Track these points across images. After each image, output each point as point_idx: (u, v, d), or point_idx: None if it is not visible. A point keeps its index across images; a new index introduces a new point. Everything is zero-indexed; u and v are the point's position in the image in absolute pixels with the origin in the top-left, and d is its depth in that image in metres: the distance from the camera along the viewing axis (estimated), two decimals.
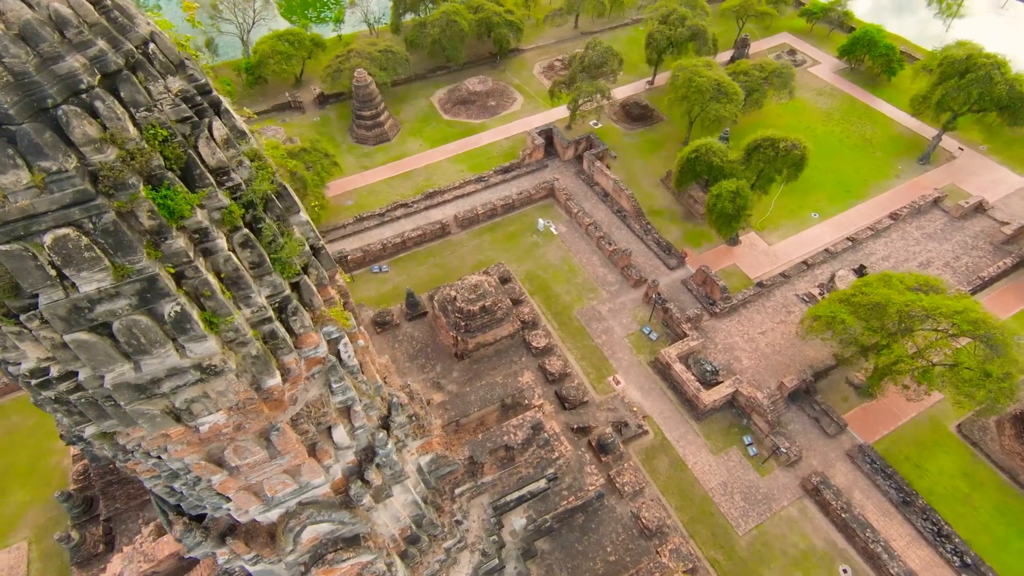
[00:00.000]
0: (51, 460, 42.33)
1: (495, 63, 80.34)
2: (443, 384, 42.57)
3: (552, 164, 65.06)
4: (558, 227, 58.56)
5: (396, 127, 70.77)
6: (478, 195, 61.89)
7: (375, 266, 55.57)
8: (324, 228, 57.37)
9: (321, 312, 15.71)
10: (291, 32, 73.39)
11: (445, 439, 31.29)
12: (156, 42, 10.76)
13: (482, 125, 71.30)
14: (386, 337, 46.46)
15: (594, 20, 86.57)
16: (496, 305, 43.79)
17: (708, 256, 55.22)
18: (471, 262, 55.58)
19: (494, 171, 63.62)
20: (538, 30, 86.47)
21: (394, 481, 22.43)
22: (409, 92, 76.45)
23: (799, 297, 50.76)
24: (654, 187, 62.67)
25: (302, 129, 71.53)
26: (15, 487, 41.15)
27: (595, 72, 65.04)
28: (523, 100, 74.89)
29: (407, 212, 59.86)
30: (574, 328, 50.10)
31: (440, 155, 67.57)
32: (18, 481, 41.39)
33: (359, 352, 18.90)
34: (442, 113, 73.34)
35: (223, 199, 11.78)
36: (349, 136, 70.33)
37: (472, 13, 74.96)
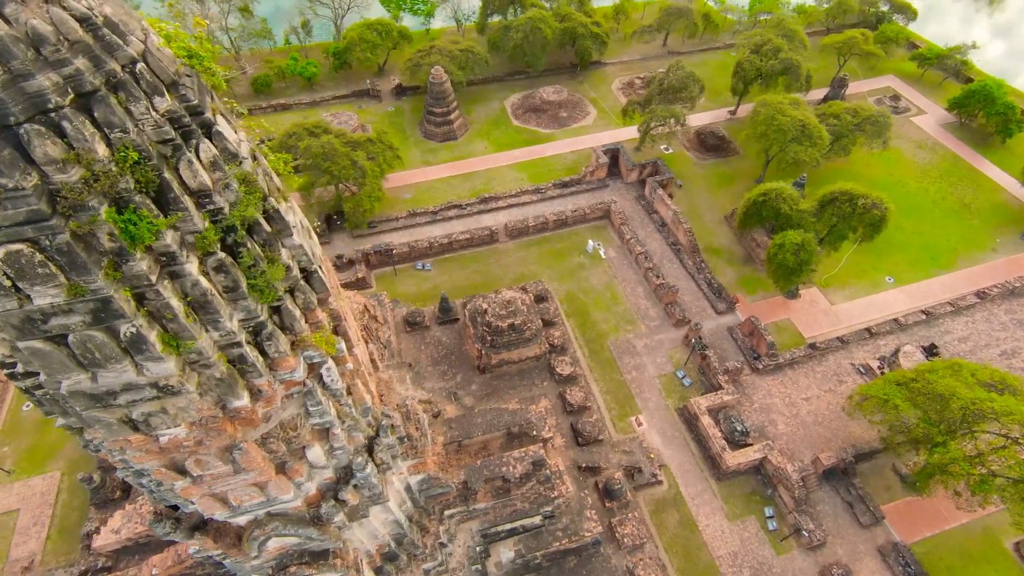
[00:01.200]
0: None
1: (574, 74, 79.06)
2: (459, 396, 42.22)
3: (613, 185, 63.21)
4: (607, 251, 56.79)
5: (465, 127, 71.07)
6: (532, 206, 61.07)
7: (419, 263, 56.00)
8: (377, 219, 58.42)
9: (303, 337, 15.45)
10: (380, 22, 75.25)
11: (443, 459, 30.82)
12: (148, 61, 10.67)
13: (550, 135, 70.33)
14: (414, 337, 46.63)
15: (684, 40, 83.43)
16: (525, 324, 42.90)
17: (761, 306, 51.78)
18: (512, 274, 54.90)
19: (553, 184, 62.57)
20: (624, 45, 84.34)
21: (372, 502, 22.11)
22: (484, 93, 76.59)
23: (855, 367, 46.61)
24: (716, 223, 59.54)
25: (376, 117, 73.31)
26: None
27: (673, 96, 62.51)
28: (596, 115, 73.25)
29: (459, 214, 59.93)
30: (605, 359, 48.36)
31: (503, 160, 67.23)
32: None
33: (347, 375, 18.62)
34: (512, 118, 72.98)
35: (198, 223, 11.62)
36: (418, 130, 71.34)
37: (558, 22, 74.03)
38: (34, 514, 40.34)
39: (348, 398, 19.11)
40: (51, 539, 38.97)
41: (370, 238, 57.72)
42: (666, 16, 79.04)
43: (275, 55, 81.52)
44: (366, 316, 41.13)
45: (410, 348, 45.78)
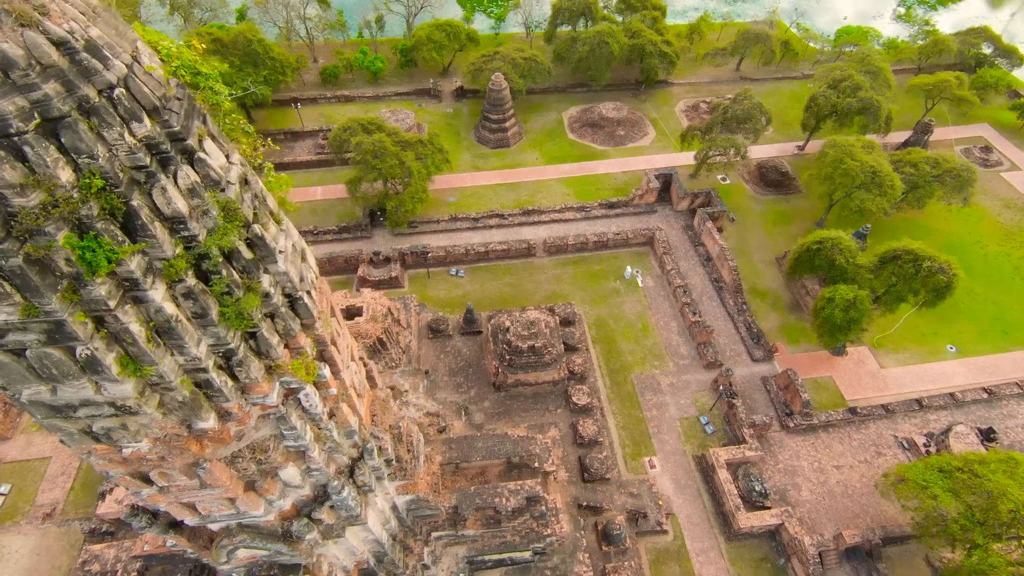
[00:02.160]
0: None
1: (637, 92, 77.05)
2: (471, 411, 41.75)
3: (661, 211, 61.07)
4: (645, 279, 54.86)
5: (519, 135, 70.57)
6: (574, 224, 59.84)
7: (453, 269, 55.92)
8: (418, 219, 58.77)
9: (280, 363, 15.21)
10: (449, 23, 75.80)
11: (438, 479, 30.33)
12: (129, 85, 10.53)
13: (604, 153, 68.81)
14: (436, 344, 46.52)
15: (759, 67, 79.73)
16: (546, 348, 41.92)
17: (802, 359, 48.59)
18: (544, 291, 53.92)
19: (599, 203, 61.10)
20: (694, 66, 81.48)
21: (349, 523, 21.84)
22: (543, 103, 75.85)
23: (897, 440, 42.93)
24: (766, 264, 56.42)
25: (434, 117, 73.94)
26: None
27: (737, 126, 59.70)
28: (654, 136, 71.08)
29: (500, 223, 59.48)
30: (626, 392, 46.65)
31: (552, 173, 66.30)
32: None
33: (330, 399, 18.34)
34: (568, 131, 71.87)
35: (167, 251, 11.47)
36: (472, 134, 71.41)
37: (627, 37, 72.30)
38: (63, 464, 42.75)
39: (330, 421, 18.85)
40: (74, 490, 41.18)
41: (409, 238, 58.14)
42: (743, 40, 75.75)
43: (346, 47, 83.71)
44: (389, 319, 41.27)
45: (430, 355, 45.70)
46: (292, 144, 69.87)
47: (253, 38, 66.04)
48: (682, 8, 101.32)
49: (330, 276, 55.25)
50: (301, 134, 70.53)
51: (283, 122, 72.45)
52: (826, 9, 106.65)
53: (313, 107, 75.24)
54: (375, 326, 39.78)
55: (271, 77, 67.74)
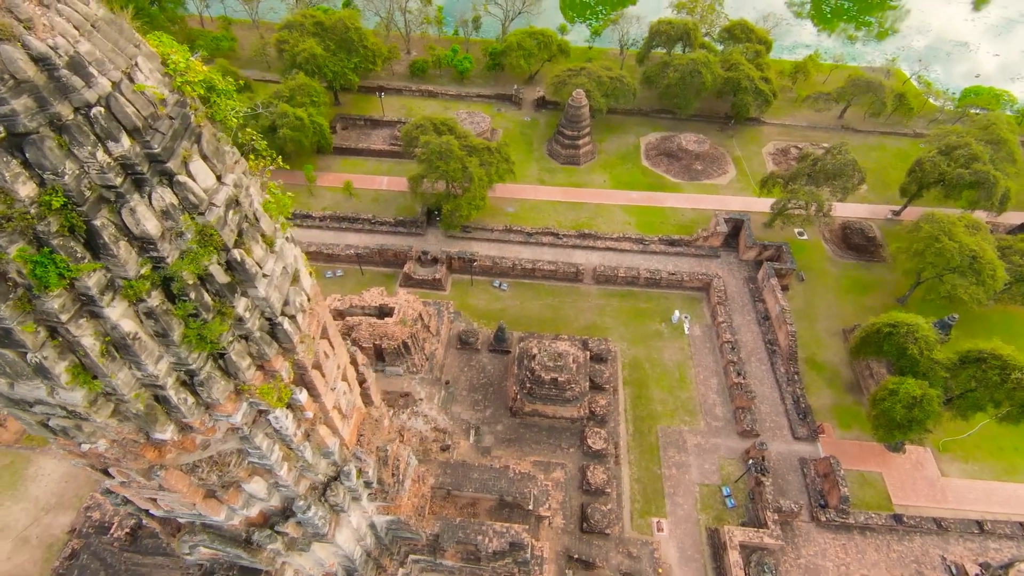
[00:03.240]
0: None
1: (725, 126, 73.13)
2: (481, 432, 40.94)
3: (725, 257, 57.53)
4: (693, 327, 51.84)
5: (591, 155, 68.86)
6: (629, 255, 57.55)
7: (497, 281, 55.28)
8: (473, 225, 58.56)
9: (248, 386, 14.91)
10: (543, 32, 75.11)
11: (425, 501, 29.70)
12: (110, 104, 10.34)
13: (676, 185, 65.79)
14: (462, 356, 46.06)
15: (866, 117, 73.48)
16: (569, 384, 40.37)
17: (850, 447, 44.14)
18: (583, 321, 52.16)
19: (659, 238, 58.43)
20: (792, 107, 76.30)
21: (315, 540, 21.55)
22: (622, 125, 73.62)
23: (945, 563, 37.99)
24: (830, 335, 51.78)
25: (510, 124, 73.60)
26: None
27: (825, 180, 55.13)
28: (733, 176, 67.18)
29: (553, 242, 58.19)
30: (648, 443, 44.22)
31: (617, 199, 64.17)
32: None
33: (306, 421, 17.98)
34: (643, 157, 69.33)
35: (130, 271, 11.29)
36: (545, 146, 70.44)
37: (723, 69, 68.70)
38: None
39: (304, 442, 18.52)
40: None
41: (460, 242, 58.06)
42: (851, 86, 70.02)
43: (440, 42, 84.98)
44: (418, 324, 41.14)
45: (454, 366, 45.28)
46: (370, 132, 71.74)
47: (351, 25, 68.22)
48: (792, 44, 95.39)
49: (377, 267, 56.16)
50: (380, 123, 72.26)
51: (366, 108, 74.51)
52: (958, 61, 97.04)
53: (397, 97, 76.90)
54: (403, 329, 39.75)
55: (361, 65, 69.75)
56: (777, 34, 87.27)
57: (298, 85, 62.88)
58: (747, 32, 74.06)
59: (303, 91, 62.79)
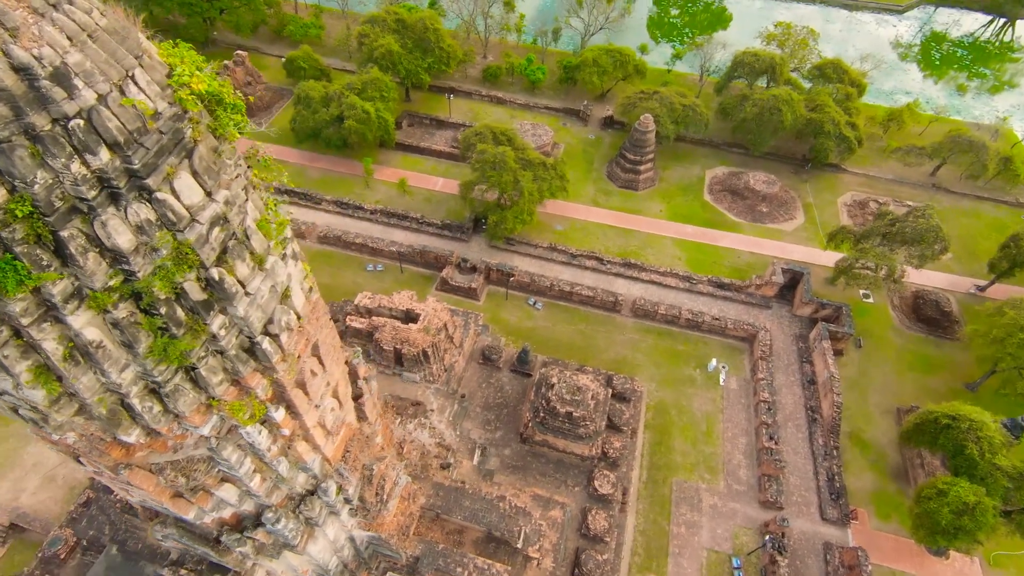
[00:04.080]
0: None
1: (799, 169, 68.84)
2: (487, 453, 40.07)
3: (777, 310, 53.94)
4: (729, 379, 48.86)
5: (651, 182, 66.56)
6: (673, 292, 55.03)
7: (532, 299, 54.25)
8: (517, 238, 57.79)
9: (218, 401, 14.69)
10: (620, 51, 73.39)
11: (412, 520, 29.17)
12: (91, 116, 10.19)
13: (736, 225, 62.47)
14: (482, 372, 45.37)
15: (962, 178, 67.20)
16: (584, 421, 38.82)
17: (885, 540, 40.13)
18: (614, 354, 50.25)
19: (709, 279, 55.54)
20: (879, 157, 70.82)
21: (285, 548, 21.35)
22: (688, 154, 70.79)
23: None
24: (881, 412, 47.44)
25: (573, 140, 72.39)
26: None
27: (902, 244, 50.63)
28: (801, 223, 63.06)
29: (595, 267, 56.50)
30: (659, 495, 41.95)
31: (670, 231, 61.64)
32: None
33: (283, 438, 17.70)
34: (706, 191, 66.33)
35: (96, 282, 11.18)
36: (605, 167, 68.76)
37: (806, 109, 64.68)
38: None
39: (280, 456, 18.26)
40: None
41: (502, 253, 57.42)
42: (951, 143, 64.15)
43: (516, 50, 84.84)
44: (442, 334, 40.79)
45: (472, 380, 44.66)
46: (434, 131, 72.44)
47: (430, 26, 69.09)
48: (891, 88, 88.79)
49: (417, 268, 56.40)
50: (445, 124, 72.84)
51: (434, 107, 75.29)
52: None
53: (466, 100, 77.31)
54: (425, 338, 39.48)
55: (435, 65, 70.53)
56: (875, 77, 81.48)
57: (371, 79, 64.25)
58: (839, 72, 69.42)
59: (374, 85, 64.10)
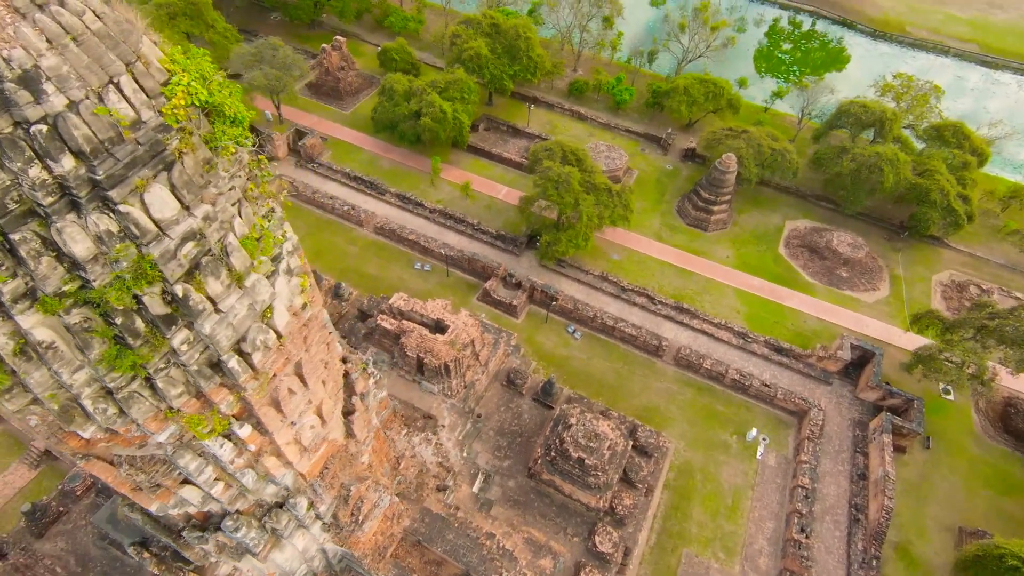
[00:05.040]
0: None
1: (894, 236, 62.39)
2: (490, 480, 38.78)
3: (837, 388, 48.95)
4: (768, 454, 44.81)
5: (723, 224, 62.59)
6: (723, 347, 51.27)
7: (572, 326, 52.31)
8: (570, 262, 56.07)
9: (175, 412, 14.30)
10: (715, 82, 69.61)
11: (391, 541, 28.37)
12: (58, 124, 9.82)
13: (808, 286, 57.42)
14: (503, 395, 44.16)
15: None
16: (595, 471, 36.69)
17: None
18: (645, 401, 47.44)
19: (766, 339, 51.31)
20: (991, 236, 62.89)
21: (247, 553, 21.06)
22: (771, 201, 66.00)
23: None
24: (939, 528, 41.78)
25: (648, 168, 69.55)
26: None
27: (999, 343, 44.39)
28: (884, 296, 57.04)
29: (645, 305, 53.70)
30: (666, 564, 39.01)
31: (734, 280, 57.58)
32: None
33: (248, 453, 17.21)
34: (782, 244, 61.54)
35: (48, 286, 10.93)
36: (676, 201, 65.46)
37: (913, 172, 58.47)
38: None
39: (246, 469, 17.83)
40: None
41: (550, 274, 55.86)
42: None
43: (608, 67, 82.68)
44: (467, 351, 39.95)
45: (491, 402, 43.52)
46: (508, 139, 71.91)
47: (522, 34, 68.43)
48: (1022, 162, 78.88)
49: (463, 274, 55.91)
50: (522, 132, 72.10)
51: (513, 115, 74.71)
52: None
53: (546, 112, 76.18)
54: (449, 351, 38.71)
55: (521, 73, 69.87)
56: (1004, 146, 72.61)
57: (455, 79, 64.53)
58: (960, 137, 62.26)
59: (457, 86, 64.31)
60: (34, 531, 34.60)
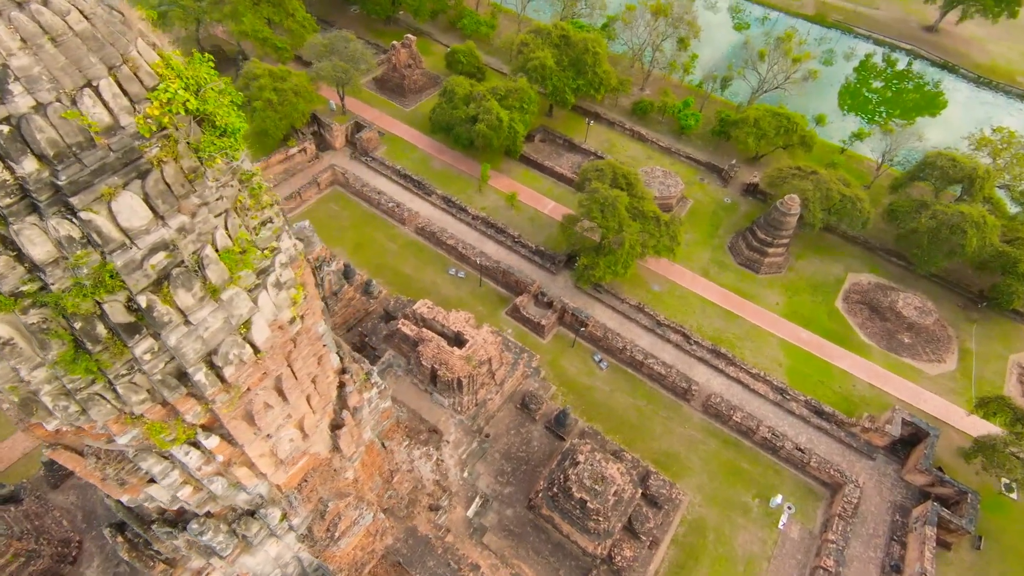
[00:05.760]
0: None
1: (970, 304, 56.75)
2: (487, 507, 37.57)
3: (880, 465, 44.79)
4: (791, 524, 41.42)
5: (777, 268, 58.86)
6: (758, 401, 47.98)
7: (599, 355, 50.37)
8: (606, 288, 54.13)
9: (137, 418, 13.92)
10: (788, 116, 65.78)
11: (371, 558, 27.67)
12: (21, 125, 9.42)
13: (863, 348, 53.02)
14: (515, 418, 42.91)
15: None
16: (596, 515, 34.82)
17: None
18: (665, 445, 44.94)
19: (807, 399, 47.65)
20: None
21: (214, 554, 20.78)
22: (833, 248, 61.59)
23: None
24: None
25: (705, 199, 66.53)
26: None
27: None
28: (950, 371, 51.85)
29: (679, 343, 51.06)
30: None
31: (781, 330, 53.91)
32: None
33: (215, 463, 16.75)
34: (840, 298, 57.21)
35: (5, 285, 10.65)
36: (729, 237, 62.16)
37: (1001, 239, 53.03)
38: None
39: (215, 476, 17.42)
40: None
41: (584, 298, 54.11)
42: None
43: (677, 89, 79.89)
44: (483, 368, 39.02)
45: (502, 423, 42.33)
46: (563, 152, 70.58)
47: (591, 48, 66.94)
48: None
49: (496, 286, 55.00)
50: (578, 148, 70.60)
51: (571, 129, 73.29)
52: None
53: (606, 129, 74.31)
54: (463, 367, 37.81)
55: (584, 88, 68.41)
56: None
57: (516, 88, 63.85)
58: None
59: (517, 95, 63.60)
60: (51, 481, 36.16)
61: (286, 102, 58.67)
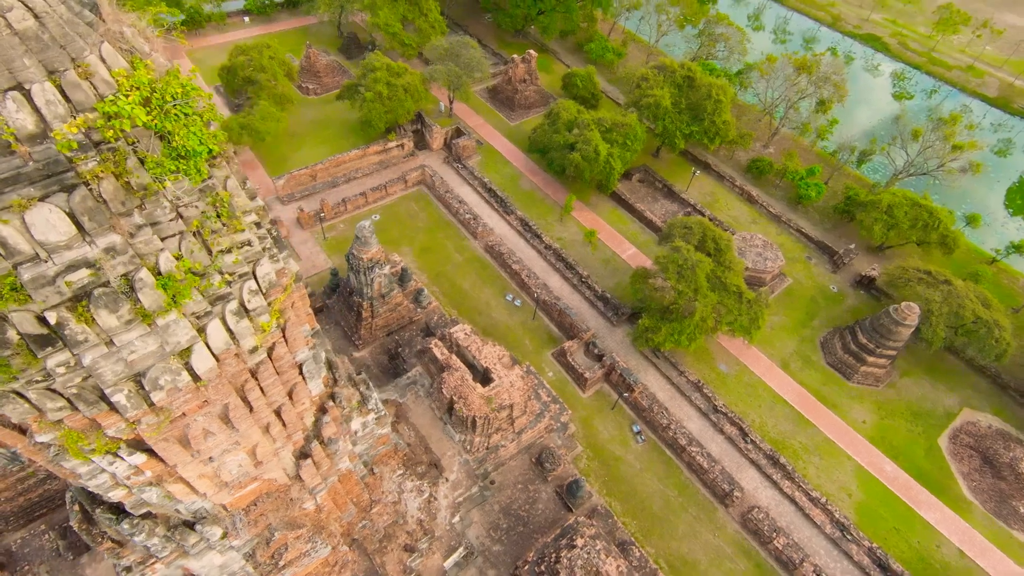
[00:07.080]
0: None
1: None
2: (470, 561, 35.10)
3: None
4: None
5: (875, 382, 50.87)
6: (809, 530, 41.31)
7: (638, 426, 46.06)
8: (666, 355, 49.58)
9: (53, 424, 13.19)
10: (930, 209, 56.81)
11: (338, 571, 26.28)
12: None
13: (962, 504, 44.10)
14: (526, 472, 40.12)
15: None
16: None
17: None
18: (686, 550, 39.83)
19: (872, 546, 40.29)
20: None
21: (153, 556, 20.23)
22: (950, 376, 52.20)
23: None
24: None
25: (806, 282, 59.50)
26: None
27: None
28: None
29: (733, 438, 45.41)
30: None
31: (861, 455, 46.29)
32: None
33: (145, 475, 15.86)
34: (945, 436, 48.22)
35: None
36: (824, 332, 54.70)
37: None
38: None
39: (147, 486, 16.62)
40: None
41: (638, 359, 49.92)
42: None
43: (804, 153, 72.49)
44: (502, 413, 36.77)
45: (511, 473, 39.71)
46: (659, 198, 66.43)
47: (715, 95, 62.26)
48: None
49: (550, 322, 52.25)
50: (676, 196, 66.20)
51: (674, 174, 68.80)
52: None
53: (713, 181, 68.97)
54: (482, 407, 35.66)
55: (697, 135, 63.85)
56: None
57: (623, 123, 60.79)
58: None
59: (623, 130, 60.50)
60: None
61: (394, 97, 59.95)
